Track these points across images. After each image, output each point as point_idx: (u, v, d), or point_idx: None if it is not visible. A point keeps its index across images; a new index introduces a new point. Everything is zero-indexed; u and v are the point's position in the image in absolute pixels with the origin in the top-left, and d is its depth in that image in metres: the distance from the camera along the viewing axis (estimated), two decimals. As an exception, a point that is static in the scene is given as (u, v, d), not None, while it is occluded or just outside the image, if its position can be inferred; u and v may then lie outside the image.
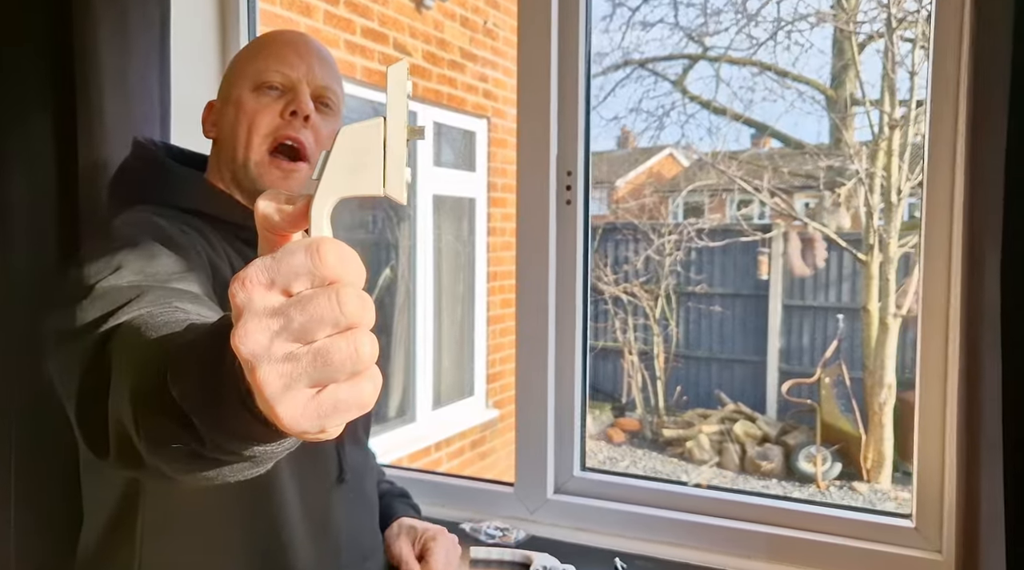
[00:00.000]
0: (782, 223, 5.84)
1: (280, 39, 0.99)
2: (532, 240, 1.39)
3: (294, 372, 0.37)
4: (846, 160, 5.21)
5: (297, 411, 0.37)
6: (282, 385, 0.37)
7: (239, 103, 0.95)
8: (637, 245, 6.29)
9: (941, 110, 1.12)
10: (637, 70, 6.21)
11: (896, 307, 4.93)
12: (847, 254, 5.38)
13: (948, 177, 1.12)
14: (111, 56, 1.17)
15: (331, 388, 0.38)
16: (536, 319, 1.39)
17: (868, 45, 5.07)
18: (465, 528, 1.35)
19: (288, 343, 0.37)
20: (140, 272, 0.73)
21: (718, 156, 5.84)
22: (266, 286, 0.38)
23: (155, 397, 0.49)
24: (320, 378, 0.37)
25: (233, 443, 0.45)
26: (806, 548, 1.23)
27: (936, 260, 1.14)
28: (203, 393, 0.45)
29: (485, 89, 4.23)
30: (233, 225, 0.94)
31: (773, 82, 5.50)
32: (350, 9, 3.26)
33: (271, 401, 0.37)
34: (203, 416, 0.45)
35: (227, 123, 0.96)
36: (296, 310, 0.37)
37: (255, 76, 0.95)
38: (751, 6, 5.44)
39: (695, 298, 6.27)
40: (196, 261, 0.82)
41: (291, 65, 0.95)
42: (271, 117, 0.94)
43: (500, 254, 4.36)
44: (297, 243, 0.38)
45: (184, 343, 0.50)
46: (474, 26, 4.16)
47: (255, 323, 0.37)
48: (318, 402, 0.37)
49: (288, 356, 0.37)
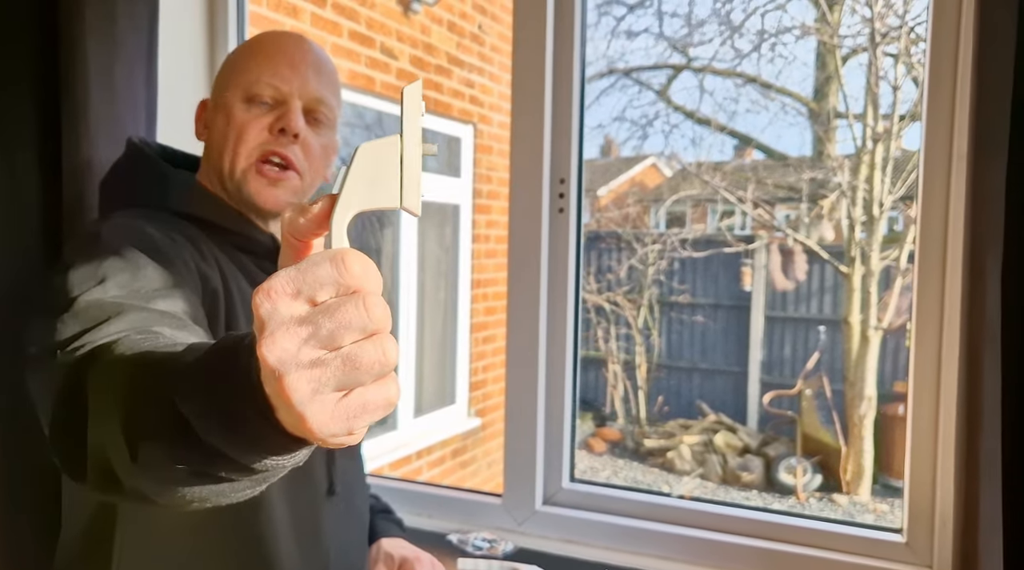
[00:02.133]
0: (765, 234, 5.88)
1: (276, 46, 0.95)
2: (524, 248, 1.37)
3: (323, 377, 0.38)
4: (829, 172, 5.26)
5: (326, 415, 0.39)
6: (311, 390, 0.38)
7: (229, 112, 0.92)
8: (620, 254, 6.30)
9: (937, 122, 1.12)
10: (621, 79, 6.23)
11: (877, 319, 4.98)
12: (829, 266, 5.43)
13: (943, 189, 1.12)
14: (98, 55, 1.15)
15: (358, 391, 0.39)
16: (527, 328, 1.37)
17: (851, 59, 5.13)
18: (452, 539, 1.34)
19: (316, 349, 0.39)
20: (125, 286, 0.71)
21: (702, 166, 5.88)
22: (291, 296, 0.39)
23: (155, 421, 0.49)
24: (348, 382, 0.39)
25: (249, 456, 0.45)
26: (796, 562, 1.22)
27: (930, 272, 1.14)
28: (219, 408, 0.45)
29: (471, 95, 4.22)
30: (224, 229, 0.93)
31: (757, 94, 5.55)
32: (337, 12, 3.23)
33: (299, 407, 0.38)
34: (219, 432, 0.45)
35: (217, 129, 0.94)
36: (325, 317, 0.39)
37: (247, 87, 0.92)
38: (735, 18, 5.49)
39: (677, 308, 6.29)
40: (184, 273, 0.80)
41: (283, 78, 0.92)
42: (259, 131, 0.92)
43: (484, 261, 4.34)
44: (320, 255, 0.40)
45: (190, 362, 0.49)
46: (461, 31, 4.15)
47: (283, 332, 0.38)
48: (346, 404, 0.39)
49: (316, 362, 0.39)
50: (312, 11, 3.09)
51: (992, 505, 0.93)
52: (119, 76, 1.18)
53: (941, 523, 1.13)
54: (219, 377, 0.45)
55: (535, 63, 1.35)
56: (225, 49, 1.48)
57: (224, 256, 0.91)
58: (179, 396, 0.48)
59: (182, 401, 0.47)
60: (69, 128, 1.13)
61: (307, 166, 0.94)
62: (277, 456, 0.45)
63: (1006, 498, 0.92)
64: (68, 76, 1.13)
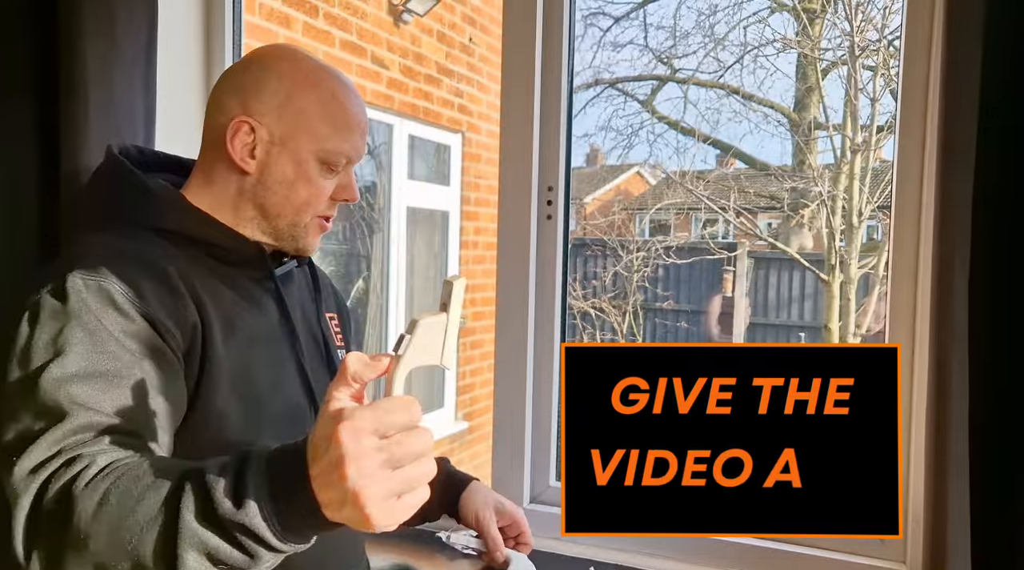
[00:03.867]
0: (747, 242, 5.95)
1: (352, 110, 0.94)
2: (513, 254, 1.41)
3: (392, 487, 0.58)
4: (809, 182, 5.34)
5: (389, 519, 0.58)
6: (381, 498, 0.57)
7: (304, 171, 0.91)
8: (605, 261, 6.35)
9: (909, 134, 1.16)
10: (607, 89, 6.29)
11: (856, 326, 5.05)
12: (809, 274, 5.50)
13: (915, 200, 1.16)
14: (96, 61, 1.15)
15: (407, 495, 0.59)
16: (515, 332, 1.41)
17: (831, 71, 5.22)
18: (442, 537, 1.36)
19: (387, 470, 0.58)
20: (82, 370, 0.73)
21: (686, 175, 5.94)
22: (371, 433, 0.57)
23: (204, 528, 0.61)
24: (402, 491, 0.59)
25: (295, 541, 0.62)
26: (774, 558, 1.25)
27: (903, 281, 1.18)
28: (280, 507, 0.61)
29: (460, 104, 4.26)
30: (207, 243, 0.91)
31: (739, 104, 5.62)
32: (329, 22, 3.26)
33: (367, 509, 0.57)
34: (276, 527, 0.61)
35: (281, 175, 0.91)
36: (397, 447, 0.58)
37: (327, 155, 0.91)
38: (719, 30, 5.57)
39: (662, 314, 6.34)
40: (156, 327, 0.79)
41: (357, 149, 0.94)
42: (326, 196, 0.94)
43: (472, 268, 4.38)
44: (396, 403, 0.59)
45: (253, 472, 0.62)
46: (451, 42, 4.20)
47: (368, 460, 0.57)
48: (402, 505, 0.59)
49: (388, 478, 0.58)
50: (305, 20, 3.12)
51: (960, 503, 0.97)
52: (117, 81, 1.18)
53: (915, 522, 1.17)
54: (282, 482, 0.61)
55: (524, 74, 1.38)
56: (223, 57, 1.49)
57: (204, 270, 0.89)
58: (234, 501, 0.61)
59: (238, 503, 0.61)
60: (68, 133, 1.14)
61: None
62: (311, 539, 0.64)
63: (973, 496, 0.96)
64: (67, 81, 1.13)
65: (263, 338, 0.92)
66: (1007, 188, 0.94)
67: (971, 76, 0.95)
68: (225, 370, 0.85)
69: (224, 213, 0.93)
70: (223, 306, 0.88)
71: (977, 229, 0.95)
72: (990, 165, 0.94)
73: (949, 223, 0.99)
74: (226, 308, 0.88)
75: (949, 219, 0.99)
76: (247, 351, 0.89)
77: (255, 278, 0.95)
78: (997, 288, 0.95)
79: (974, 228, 0.95)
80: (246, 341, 0.89)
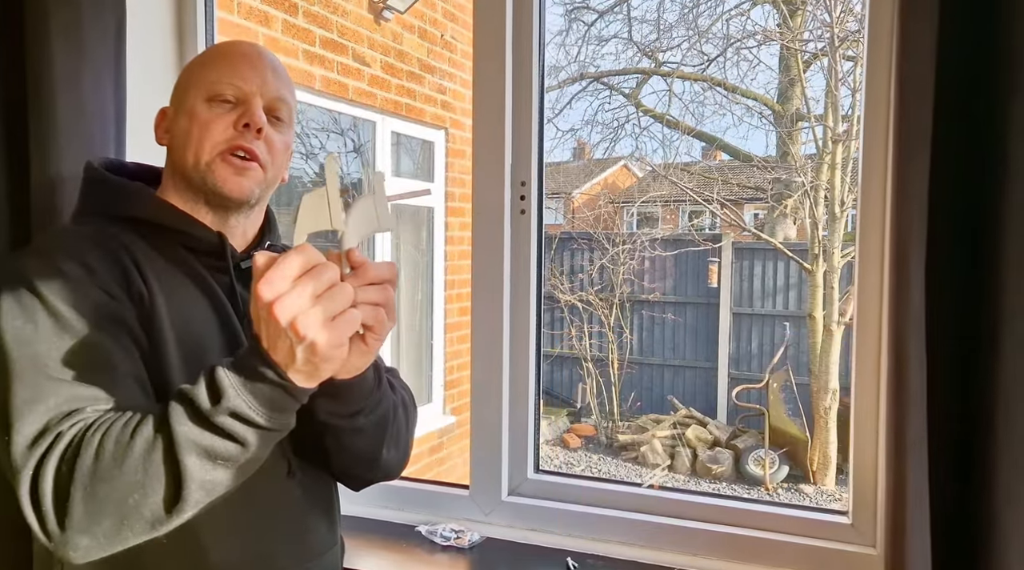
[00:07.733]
0: (731, 233, 5.98)
1: (234, 51, 0.99)
2: (487, 248, 1.42)
3: (324, 313, 0.67)
4: (792, 173, 5.38)
5: (333, 338, 0.67)
6: (319, 323, 0.66)
7: (192, 113, 0.95)
8: (592, 254, 6.37)
9: (874, 128, 1.18)
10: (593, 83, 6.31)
11: (840, 314, 5.09)
12: (793, 263, 5.54)
13: (880, 192, 1.18)
14: (65, 64, 1.15)
15: (341, 316, 0.68)
16: (491, 325, 1.42)
17: (813, 63, 5.25)
18: (421, 530, 1.38)
19: (311, 300, 0.66)
20: (52, 347, 0.78)
21: (671, 168, 5.97)
22: (282, 279, 0.66)
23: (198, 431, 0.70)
24: (334, 312, 0.67)
25: (277, 419, 0.71)
26: (749, 545, 1.27)
27: (870, 270, 1.20)
28: (253, 387, 0.70)
29: (443, 100, 4.26)
30: (164, 228, 0.94)
31: (723, 96, 5.65)
32: (309, 20, 3.26)
33: (309, 336, 0.66)
34: (253, 404, 0.69)
35: (180, 131, 0.96)
36: (311, 279, 0.67)
37: (209, 87, 0.95)
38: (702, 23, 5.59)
39: (648, 306, 6.37)
40: (111, 294, 0.85)
41: (245, 78, 0.95)
42: (224, 127, 0.94)
43: (458, 263, 4.39)
44: (289, 254, 0.67)
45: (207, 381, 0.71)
46: (432, 38, 4.20)
47: (289, 298, 0.66)
48: (341, 322, 0.68)
49: (318, 307, 0.66)
50: (284, 18, 3.11)
51: (919, 483, 0.99)
52: (87, 85, 1.18)
53: (883, 505, 1.19)
54: (245, 369, 0.70)
55: (496, 70, 1.39)
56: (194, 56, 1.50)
57: (167, 255, 0.93)
58: (216, 400, 0.69)
59: (227, 403, 0.69)
60: (37, 137, 1.14)
61: (270, 160, 0.96)
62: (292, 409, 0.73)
63: (932, 477, 0.98)
64: (35, 86, 1.14)
65: (205, 324, 0.93)
66: (962, 174, 0.96)
67: (928, 61, 0.96)
68: (172, 344, 0.87)
69: (173, 196, 0.97)
70: (170, 284, 0.91)
71: (932, 220, 0.96)
72: (947, 152, 0.96)
73: (905, 214, 1.01)
74: (175, 288, 0.91)
75: (904, 210, 1.01)
76: (191, 329, 0.91)
77: (219, 268, 0.97)
78: (951, 273, 0.97)
79: (930, 219, 0.96)
80: (190, 321, 0.91)
